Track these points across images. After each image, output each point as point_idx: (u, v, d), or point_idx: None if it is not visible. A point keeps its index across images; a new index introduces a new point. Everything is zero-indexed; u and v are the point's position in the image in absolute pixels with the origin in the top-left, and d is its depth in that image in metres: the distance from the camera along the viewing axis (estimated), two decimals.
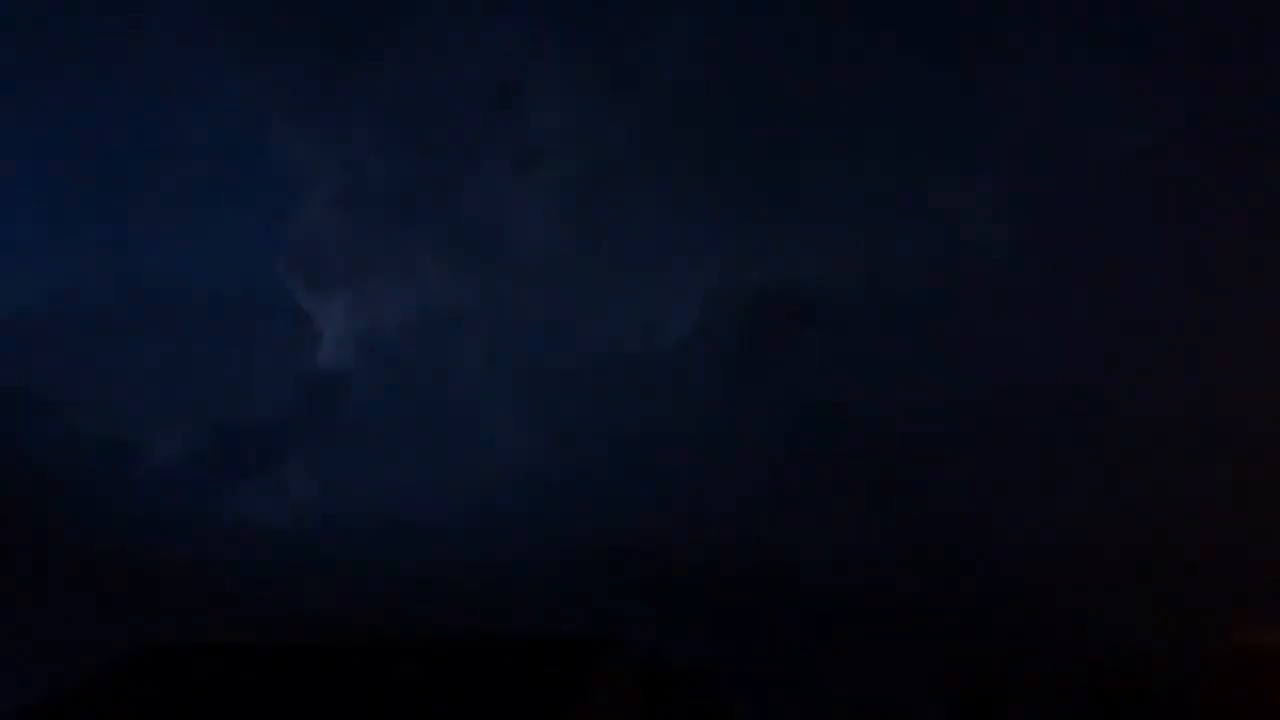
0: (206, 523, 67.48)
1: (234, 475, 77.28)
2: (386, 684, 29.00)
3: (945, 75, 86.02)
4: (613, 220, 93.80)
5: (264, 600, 57.01)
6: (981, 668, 47.31)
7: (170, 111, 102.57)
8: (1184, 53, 77.64)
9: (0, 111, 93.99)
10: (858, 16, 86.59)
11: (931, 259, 79.31)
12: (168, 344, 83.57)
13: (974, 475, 64.13)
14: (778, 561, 60.59)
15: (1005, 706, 45.63)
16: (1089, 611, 51.01)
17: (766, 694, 49.59)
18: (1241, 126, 72.17)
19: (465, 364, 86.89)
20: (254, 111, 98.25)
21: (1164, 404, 61.91)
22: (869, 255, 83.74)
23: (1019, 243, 77.55)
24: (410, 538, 65.05)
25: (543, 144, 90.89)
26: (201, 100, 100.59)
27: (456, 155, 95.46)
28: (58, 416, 70.36)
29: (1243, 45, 74.23)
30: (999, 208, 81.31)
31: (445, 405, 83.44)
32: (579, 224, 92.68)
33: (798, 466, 69.66)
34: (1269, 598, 38.67)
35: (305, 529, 67.99)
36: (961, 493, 63.29)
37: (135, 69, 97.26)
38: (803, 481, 68.26)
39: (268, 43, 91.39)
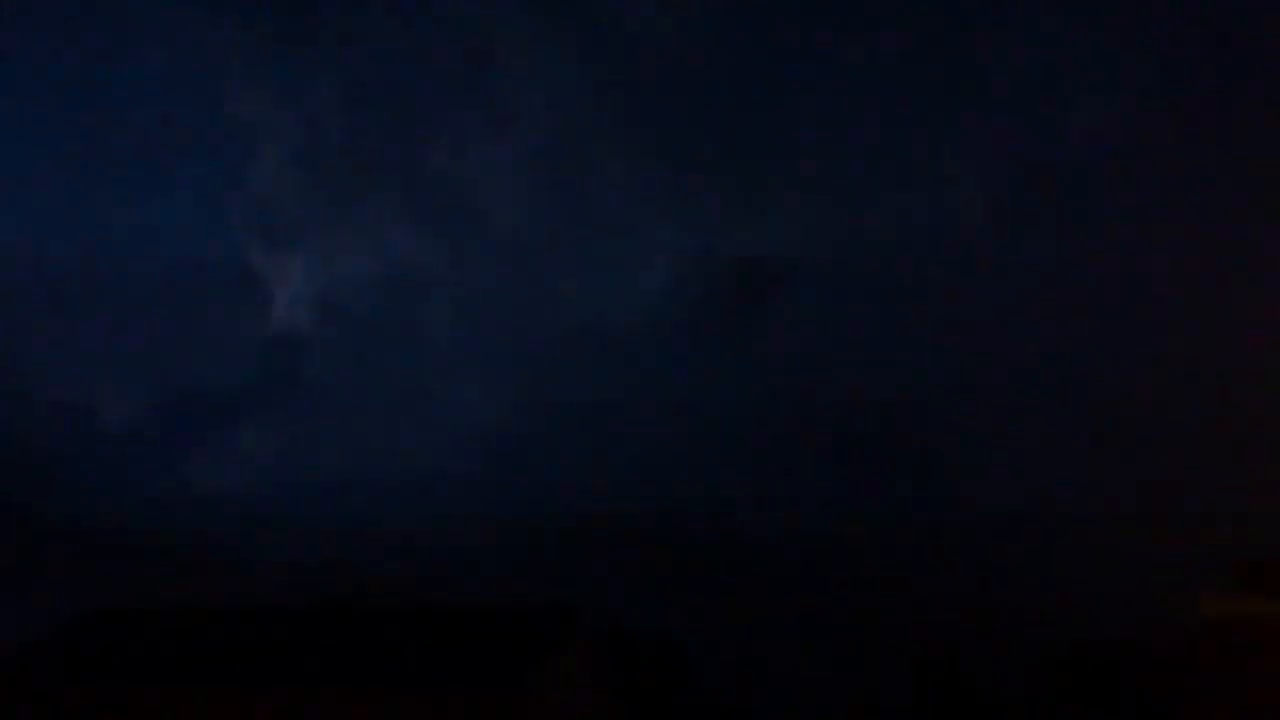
0: (162, 487, 66.42)
1: (190, 439, 76.10)
2: (343, 651, 28.62)
3: (925, 44, 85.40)
4: (584, 184, 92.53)
5: (220, 565, 56.22)
6: (948, 637, 47.28)
7: (120, 65, 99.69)
8: (1164, 22, 77.43)
9: None
10: None
11: (908, 226, 79.06)
12: (121, 306, 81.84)
13: (946, 445, 64.10)
14: (747, 531, 60.39)
15: (971, 677, 45.61)
16: (1057, 581, 51.15)
17: (732, 664, 49.41)
18: (1221, 96, 72.11)
19: (428, 328, 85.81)
20: (207, 65, 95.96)
21: (1137, 376, 61.99)
22: (845, 222, 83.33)
23: (996, 210, 77.40)
24: (370, 504, 64.27)
25: (512, 106, 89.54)
26: (153, 53, 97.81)
27: (422, 114, 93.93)
28: (9, 379, 68.84)
29: (1224, 14, 74.07)
30: (976, 175, 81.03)
31: (407, 370, 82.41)
32: (548, 187, 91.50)
33: (768, 435, 69.33)
34: (1236, 568, 38.63)
35: (262, 494, 67.00)
36: (933, 462, 63.29)
37: (83, 21, 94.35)
38: (773, 450, 67.94)
39: None
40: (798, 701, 46.84)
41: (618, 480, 64.70)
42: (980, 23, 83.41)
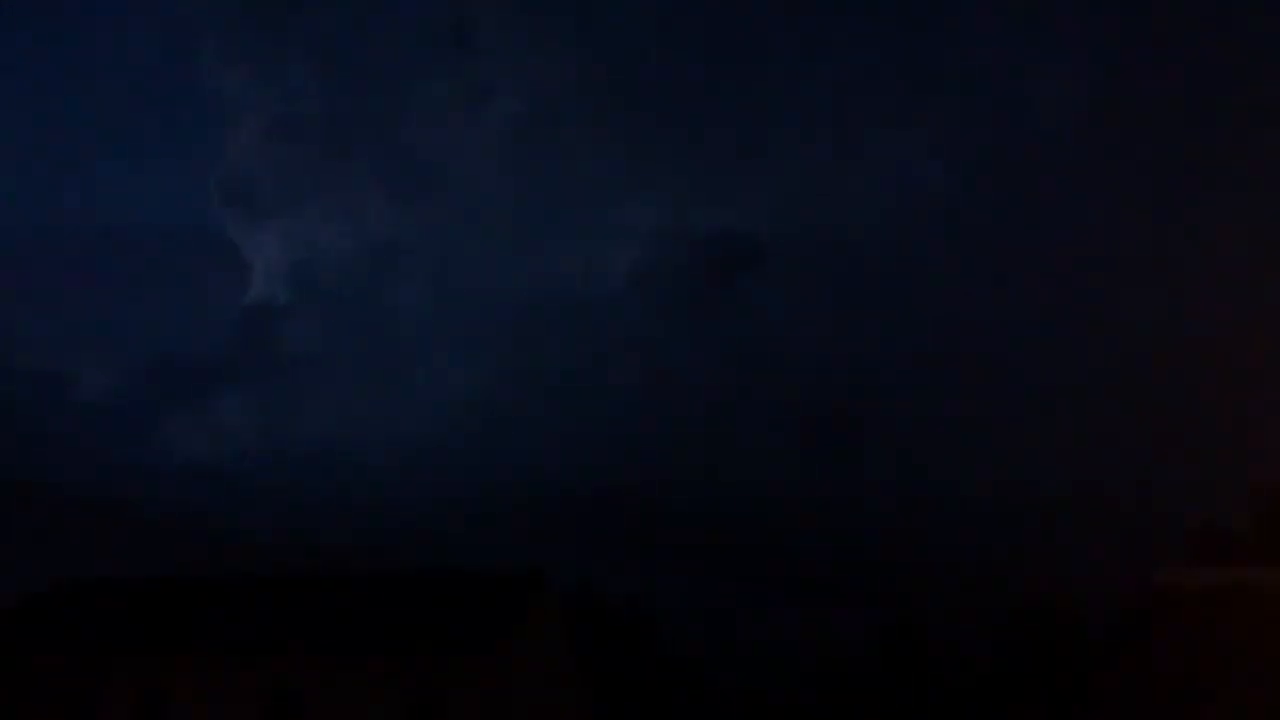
0: (139, 457, 66.72)
1: (168, 409, 76.39)
2: (314, 617, 28.85)
3: (890, 26, 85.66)
4: (560, 159, 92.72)
5: (199, 535, 56.56)
6: (914, 604, 47.96)
7: (97, 36, 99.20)
8: (1122, 11, 77.95)
9: None
10: None
11: (876, 206, 79.65)
12: (98, 276, 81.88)
13: (913, 419, 64.80)
14: (716, 500, 60.99)
15: (936, 645, 46.26)
16: (1019, 551, 51.96)
17: (700, 631, 49.98)
18: (1174, 75, 72.68)
19: (404, 299, 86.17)
20: (185, 37, 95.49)
21: (1100, 352, 62.75)
22: (814, 200, 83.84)
23: (962, 192, 78.02)
24: (347, 473, 64.70)
25: (491, 80, 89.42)
26: (131, 25, 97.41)
27: (400, 88, 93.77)
28: None
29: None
30: (943, 157, 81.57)
31: (383, 341, 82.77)
32: (524, 161, 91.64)
33: (738, 407, 69.95)
34: (1190, 541, 39.51)
35: (239, 464, 67.37)
36: (900, 435, 63.99)
37: None
38: (744, 422, 68.54)
39: None
40: (765, 667, 47.60)
41: (590, 450, 65.37)
42: (942, 8, 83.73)
